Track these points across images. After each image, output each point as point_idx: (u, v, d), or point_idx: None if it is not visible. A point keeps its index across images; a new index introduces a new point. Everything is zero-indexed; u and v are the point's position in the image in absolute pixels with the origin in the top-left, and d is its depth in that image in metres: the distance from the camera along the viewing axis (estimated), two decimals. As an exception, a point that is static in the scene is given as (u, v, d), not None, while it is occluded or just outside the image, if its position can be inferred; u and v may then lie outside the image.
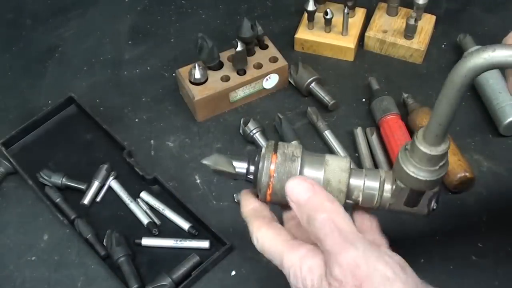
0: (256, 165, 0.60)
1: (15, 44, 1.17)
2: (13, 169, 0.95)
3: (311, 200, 0.54)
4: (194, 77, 0.99)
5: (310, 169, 0.59)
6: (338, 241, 0.50)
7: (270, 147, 0.60)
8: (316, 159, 0.60)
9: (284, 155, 0.59)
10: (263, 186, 0.59)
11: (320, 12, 1.08)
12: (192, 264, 0.84)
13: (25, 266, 0.87)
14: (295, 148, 0.60)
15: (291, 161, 0.59)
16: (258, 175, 0.60)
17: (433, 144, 0.54)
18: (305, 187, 0.55)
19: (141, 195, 0.93)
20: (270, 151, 0.60)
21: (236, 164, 0.61)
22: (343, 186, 0.59)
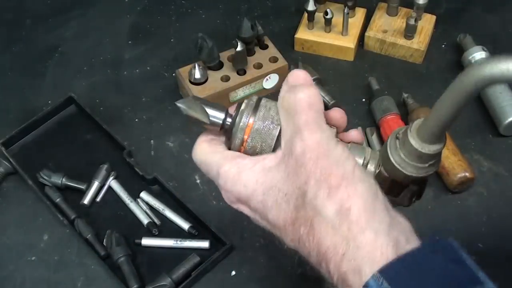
0: (233, 119, 0.56)
1: (15, 44, 1.17)
2: (13, 169, 0.96)
3: (302, 83, 0.54)
4: (194, 77, 0.99)
5: None
6: (310, 120, 0.51)
7: (251, 105, 0.56)
8: None
9: (263, 119, 0.55)
10: (236, 144, 0.56)
11: (320, 12, 1.08)
12: (192, 264, 0.84)
13: (25, 266, 0.87)
14: (277, 113, 0.55)
15: (270, 128, 0.55)
16: (233, 131, 0.56)
17: (426, 141, 0.50)
18: (304, 78, 0.55)
19: (141, 195, 0.93)
20: (249, 111, 0.55)
21: (212, 113, 0.56)
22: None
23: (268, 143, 0.55)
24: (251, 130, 0.55)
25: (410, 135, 0.51)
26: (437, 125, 0.49)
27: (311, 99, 0.52)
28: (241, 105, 0.56)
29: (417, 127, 0.51)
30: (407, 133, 0.51)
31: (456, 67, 1.06)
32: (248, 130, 0.55)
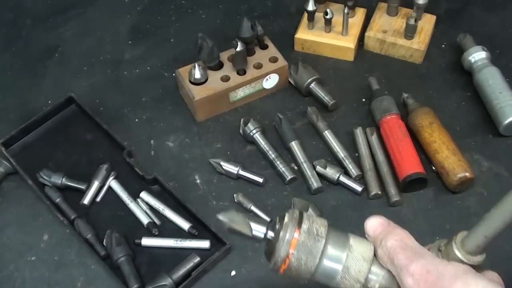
0: (277, 234, 0.56)
1: (15, 44, 1.17)
2: (13, 169, 0.95)
3: (385, 229, 0.59)
4: (194, 77, 0.99)
5: (333, 251, 0.56)
6: (408, 255, 0.54)
7: (295, 219, 0.56)
8: (340, 242, 0.57)
9: (308, 232, 0.56)
10: (279, 259, 0.56)
11: (320, 12, 1.08)
12: (192, 264, 0.84)
13: (25, 266, 0.87)
14: (321, 225, 0.57)
15: (315, 240, 0.55)
16: (276, 246, 0.56)
17: (471, 253, 0.53)
18: (379, 223, 0.59)
19: (141, 195, 0.93)
20: (294, 224, 0.56)
21: (254, 227, 0.57)
22: (361, 277, 0.56)
23: (313, 255, 0.55)
24: (297, 244, 0.55)
25: (455, 247, 0.54)
26: (484, 240, 0.52)
27: (402, 241, 0.56)
28: (285, 218, 0.57)
29: (461, 238, 0.54)
30: (452, 245, 0.54)
31: (456, 67, 1.06)
32: (293, 244, 0.55)
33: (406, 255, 0.54)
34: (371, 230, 0.59)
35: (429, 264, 0.53)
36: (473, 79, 1.01)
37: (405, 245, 0.56)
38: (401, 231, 0.58)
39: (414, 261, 0.53)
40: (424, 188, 0.91)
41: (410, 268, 0.53)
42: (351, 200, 0.91)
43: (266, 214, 0.89)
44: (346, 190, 0.92)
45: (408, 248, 0.55)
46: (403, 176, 0.89)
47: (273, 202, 0.92)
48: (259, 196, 0.92)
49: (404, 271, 0.54)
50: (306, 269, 0.56)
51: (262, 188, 0.93)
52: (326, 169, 0.92)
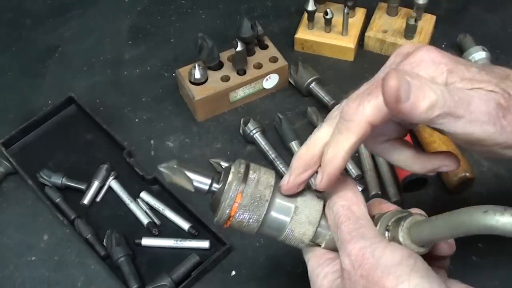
0: (220, 192, 0.55)
1: (15, 44, 1.17)
2: (13, 169, 0.95)
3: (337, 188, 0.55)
4: (194, 77, 0.99)
5: (276, 216, 0.56)
6: (350, 229, 0.52)
7: (239, 178, 0.54)
8: (285, 204, 0.56)
9: (251, 196, 0.54)
10: (221, 219, 0.56)
11: (320, 12, 1.08)
12: (192, 264, 0.84)
13: (25, 266, 0.87)
14: (266, 186, 0.55)
15: (257, 205, 0.54)
16: (220, 205, 0.55)
17: (415, 243, 0.50)
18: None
19: (141, 195, 0.93)
20: (238, 184, 0.54)
21: (197, 179, 0.55)
22: (306, 238, 0.56)
23: (255, 219, 0.55)
24: (239, 206, 0.54)
25: (401, 233, 0.51)
26: (429, 239, 0.50)
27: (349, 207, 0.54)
28: (228, 174, 0.55)
29: (409, 224, 0.51)
30: (398, 229, 0.51)
31: (456, 67, 1.06)
32: (235, 208, 0.54)
33: (348, 228, 0.52)
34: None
35: (367, 247, 0.50)
36: (473, 79, 1.01)
37: (351, 213, 0.53)
38: (352, 194, 0.54)
39: (353, 240, 0.51)
40: (424, 188, 0.91)
41: (348, 246, 0.51)
42: (351, 200, 0.91)
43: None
44: (346, 190, 0.92)
45: (353, 218, 0.52)
46: (403, 176, 0.89)
47: (273, 202, 0.92)
48: (259, 196, 0.92)
49: (343, 248, 0.51)
50: (248, 230, 0.56)
51: (262, 188, 0.93)
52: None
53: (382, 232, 0.52)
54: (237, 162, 0.56)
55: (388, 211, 0.55)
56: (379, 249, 0.49)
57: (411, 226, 0.51)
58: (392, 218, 0.53)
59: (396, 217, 0.53)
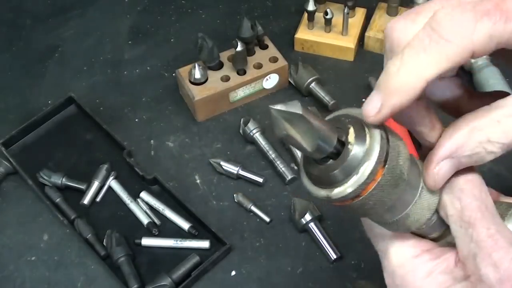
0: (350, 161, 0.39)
1: (15, 44, 1.17)
2: (13, 169, 0.95)
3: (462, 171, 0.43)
4: (194, 77, 0.99)
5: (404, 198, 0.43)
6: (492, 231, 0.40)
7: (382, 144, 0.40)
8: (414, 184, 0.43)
9: (392, 172, 0.40)
10: (346, 195, 0.40)
11: (320, 12, 1.08)
12: (192, 264, 0.84)
13: (25, 266, 0.87)
14: (405, 160, 0.41)
15: (395, 185, 0.41)
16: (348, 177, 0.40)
17: None
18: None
19: (141, 195, 0.93)
20: (381, 156, 0.39)
21: (323, 133, 0.38)
22: (414, 226, 0.44)
23: (384, 202, 0.41)
24: (375, 185, 0.40)
25: None
26: None
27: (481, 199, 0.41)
28: (366, 135, 0.40)
29: None
30: None
31: (456, 67, 1.06)
32: (372, 184, 0.39)
33: (488, 230, 0.40)
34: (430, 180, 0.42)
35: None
36: (473, 79, 1.01)
37: (486, 209, 0.41)
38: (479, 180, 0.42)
39: (502, 248, 0.39)
40: (424, 188, 0.91)
41: (494, 255, 0.39)
42: (351, 200, 0.91)
43: (266, 214, 0.89)
44: (346, 190, 0.92)
45: (490, 217, 0.40)
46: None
47: (273, 202, 0.92)
48: (259, 196, 0.92)
49: (485, 255, 0.39)
50: (364, 214, 0.44)
51: (262, 188, 0.93)
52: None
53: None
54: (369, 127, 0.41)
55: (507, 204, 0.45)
56: None
57: None
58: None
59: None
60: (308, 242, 0.87)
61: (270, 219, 0.89)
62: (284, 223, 0.89)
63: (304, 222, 0.86)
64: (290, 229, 0.88)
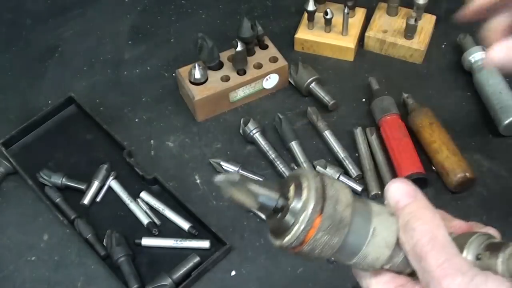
0: (292, 213, 0.45)
1: (15, 44, 1.17)
2: (13, 169, 0.95)
3: (411, 204, 0.48)
4: (194, 77, 0.99)
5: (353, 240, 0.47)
6: (440, 260, 0.44)
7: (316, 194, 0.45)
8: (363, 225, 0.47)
9: (331, 219, 0.45)
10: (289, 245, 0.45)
11: (320, 12, 1.08)
12: (192, 264, 0.84)
13: (25, 266, 0.87)
14: (346, 206, 0.46)
15: (336, 230, 0.45)
16: (289, 229, 0.45)
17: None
18: (406, 192, 0.49)
19: (141, 195, 0.93)
20: (317, 205, 0.44)
21: (263, 192, 0.45)
22: (378, 264, 0.48)
23: (331, 246, 0.46)
24: (316, 231, 0.44)
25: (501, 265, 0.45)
26: None
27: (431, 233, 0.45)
28: (303, 190, 0.45)
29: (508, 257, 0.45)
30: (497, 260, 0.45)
31: (456, 67, 1.06)
32: (312, 232, 0.44)
33: (437, 260, 0.44)
34: (393, 200, 0.48)
35: (467, 283, 0.43)
36: (473, 79, 1.01)
37: (436, 240, 0.45)
38: (430, 215, 0.46)
39: (448, 275, 0.43)
40: (424, 188, 0.91)
41: (443, 282, 0.43)
42: (351, 200, 0.91)
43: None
44: (346, 190, 0.92)
45: (439, 247, 0.45)
46: (403, 176, 0.89)
47: (273, 202, 0.91)
48: (259, 196, 0.92)
49: (436, 283, 0.44)
50: (318, 258, 0.47)
51: (262, 188, 0.93)
52: (326, 169, 0.92)
53: (473, 260, 0.46)
54: (308, 173, 0.46)
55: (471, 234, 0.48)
56: (482, 285, 0.43)
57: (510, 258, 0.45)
58: (481, 244, 0.47)
59: (486, 243, 0.47)
60: (308, 242, 0.87)
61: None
62: (284, 223, 0.89)
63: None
64: (290, 229, 0.88)
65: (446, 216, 0.53)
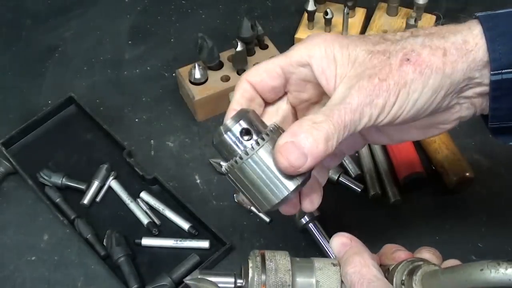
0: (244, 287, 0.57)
1: (15, 44, 1.17)
2: (13, 169, 0.95)
3: (347, 252, 0.57)
4: (194, 77, 0.99)
5: None
6: None
7: (258, 268, 0.56)
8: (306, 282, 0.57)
9: (274, 286, 0.56)
10: None
11: (320, 12, 1.08)
12: (192, 264, 0.84)
13: (25, 266, 0.87)
14: (285, 272, 0.56)
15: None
16: None
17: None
18: (342, 242, 0.58)
19: (141, 195, 0.93)
20: (259, 273, 0.56)
21: (221, 280, 0.57)
22: None
23: None
24: None
25: (415, 285, 0.52)
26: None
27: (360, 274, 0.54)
28: (248, 269, 0.56)
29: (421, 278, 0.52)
30: (411, 283, 0.53)
31: (456, 67, 1.06)
32: None
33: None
34: (335, 252, 0.58)
35: None
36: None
37: (363, 278, 0.53)
38: (358, 258, 0.55)
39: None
40: (424, 188, 0.91)
41: None
42: (350, 200, 0.91)
43: (266, 214, 0.89)
44: (346, 190, 0.92)
45: (366, 282, 0.53)
46: (403, 176, 0.89)
47: (273, 202, 0.91)
48: (259, 196, 0.92)
49: None
50: None
51: (262, 188, 0.93)
52: (326, 169, 0.92)
53: (399, 286, 0.54)
54: (251, 254, 0.57)
55: (401, 262, 0.55)
56: None
57: (424, 278, 0.52)
58: (405, 270, 0.54)
59: (408, 269, 0.54)
60: (308, 242, 0.87)
61: (270, 219, 0.89)
62: (284, 223, 0.89)
63: (304, 222, 0.86)
64: (290, 229, 0.88)
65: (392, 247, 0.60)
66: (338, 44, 0.56)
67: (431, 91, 0.54)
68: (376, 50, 0.55)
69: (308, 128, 0.52)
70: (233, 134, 0.55)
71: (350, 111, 0.53)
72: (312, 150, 0.52)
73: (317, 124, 0.52)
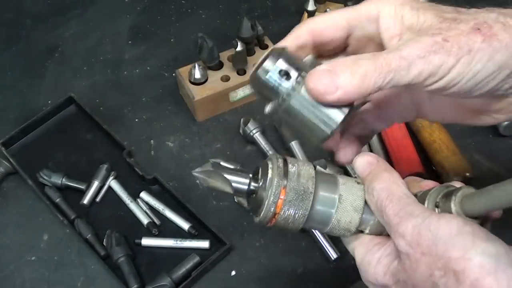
0: (261, 190, 0.53)
1: (15, 44, 1.17)
2: (13, 169, 0.95)
3: (373, 170, 0.55)
4: (194, 77, 0.99)
5: (321, 208, 0.53)
6: (396, 210, 0.50)
7: (279, 173, 0.52)
8: (329, 193, 0.54)
9: (295, 190, 0.52)
10: (264, 219, 0.53)
11: (320, 12, 1.08)
12: (192, 264, 0.84)
13: (25, 266, 0.87)
14: (308, 178, 0.53)
15: (302, 199, 0.52)
16: (261, 205, 0.52)
17: (469, 215, 0.50)
18: (368, 161, 0.56)
19: (141, 195, 0.93)
20: (280, 180, 0.52)
21: (235, 179, 0.53)
22: (352, 226, 0.54)
23: (301, 214, 0.53)
24: (284, 202, 0.52)
25: (454, 206, 0.50)
26: (485, 210, 0.50)
27: (388, 189, 0.52)
28: (268, 170, 0.53)
29: (461, 198, 0.50)
30: (449, 203, 0.50)
31: (456, 67, 1.06)
32: (280, 204, 0.52)
33: (394, 210, 0.50)
34: (360, 170, 0.55)
35: (420, 224, 0.48)
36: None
37: (392, 195, 0.51)
38: (388, 175, 0.53)
39: (403, 221, 0.49)
40: (424, 188, 0.91)
41: (399, 228, 0.49)
42: (351, 200, 0.91)
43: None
44: (346, 190, 0.92)
45: (396, 199, 0.51)
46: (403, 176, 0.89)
47: (273, 202, 0.92)
48: (259, 196, 0.92)
49: (394, 231, 0.49)
50: (293, 226, 0.54)
51: (262, 188, 0.93)
52: (326, 169, 0.92)
53: (432, 209, 0.51)
54: (273, 156, 0.54)
55: (432, 188, 0.53)
56: (433, 224, 0.48)
57: (463, 199, 0.50)
58: (439, 193, 0.52)
59: (443, 192, 0.52)
60: (308, 242, 0.87)
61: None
62: (284, 223, 0.89)
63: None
64: (290, 229, 0.88)
65: (417, 178, 0.59)
66: (409, 6, 0.54)
67: (496, 66, 0.50)
68: (447, 16, 0.52)
69: (350, 63, 0.50)
70: (274, 74, 0.53)
71: (399, 57, 0.49)
72: (345, 83, 0.49)
73: (360, 60, 0.50)
